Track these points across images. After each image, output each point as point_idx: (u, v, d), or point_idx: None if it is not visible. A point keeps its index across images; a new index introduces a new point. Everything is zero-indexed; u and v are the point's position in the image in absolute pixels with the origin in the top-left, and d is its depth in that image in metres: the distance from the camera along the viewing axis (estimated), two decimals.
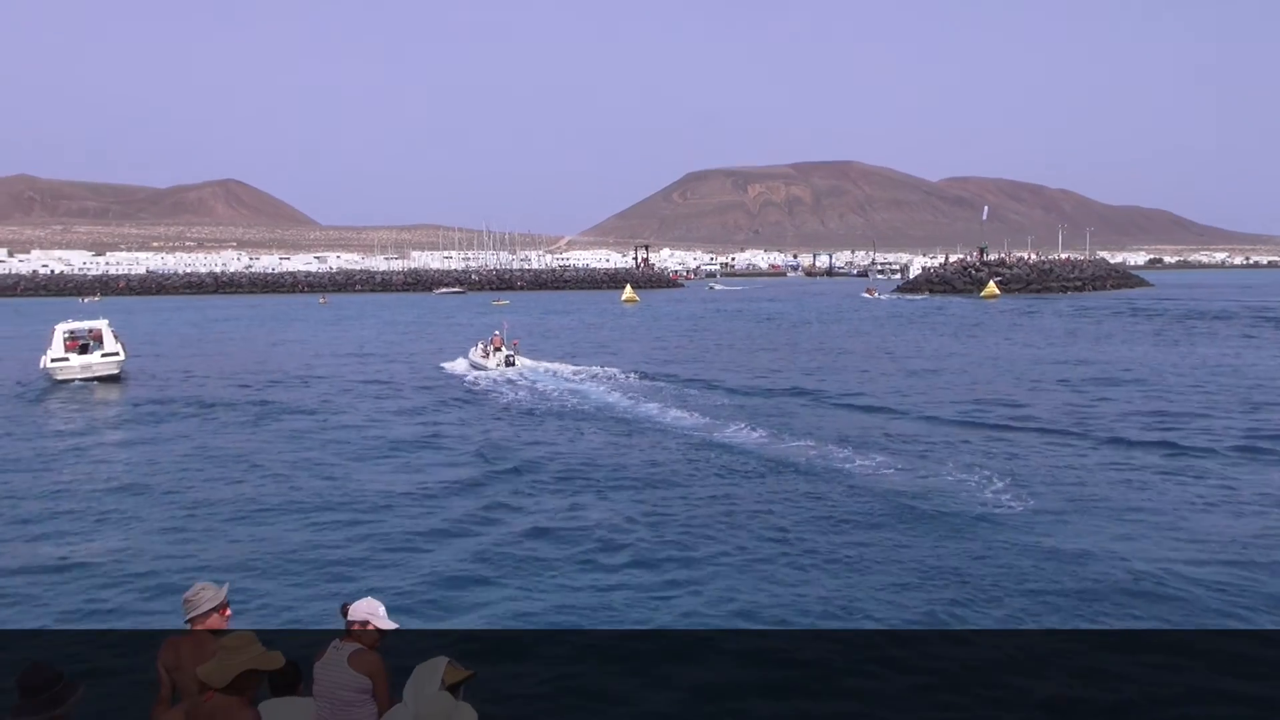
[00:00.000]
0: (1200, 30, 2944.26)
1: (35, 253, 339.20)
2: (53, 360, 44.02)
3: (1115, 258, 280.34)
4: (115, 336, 46.72)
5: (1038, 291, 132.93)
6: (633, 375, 41.99)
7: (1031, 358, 48.15)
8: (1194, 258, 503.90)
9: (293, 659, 6.52)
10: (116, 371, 45.24)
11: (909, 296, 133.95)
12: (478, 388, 39.27)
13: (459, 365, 47.36)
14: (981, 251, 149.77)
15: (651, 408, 32.43)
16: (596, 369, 44.22)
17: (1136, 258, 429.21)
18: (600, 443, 26.44)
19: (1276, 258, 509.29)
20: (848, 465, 22.45)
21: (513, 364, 44.11)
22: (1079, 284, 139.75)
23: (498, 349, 45.54)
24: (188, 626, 6.71)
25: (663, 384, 39.39)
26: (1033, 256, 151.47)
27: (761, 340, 63.09)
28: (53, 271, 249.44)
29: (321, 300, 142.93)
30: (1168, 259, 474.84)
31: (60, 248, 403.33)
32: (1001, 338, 60.87)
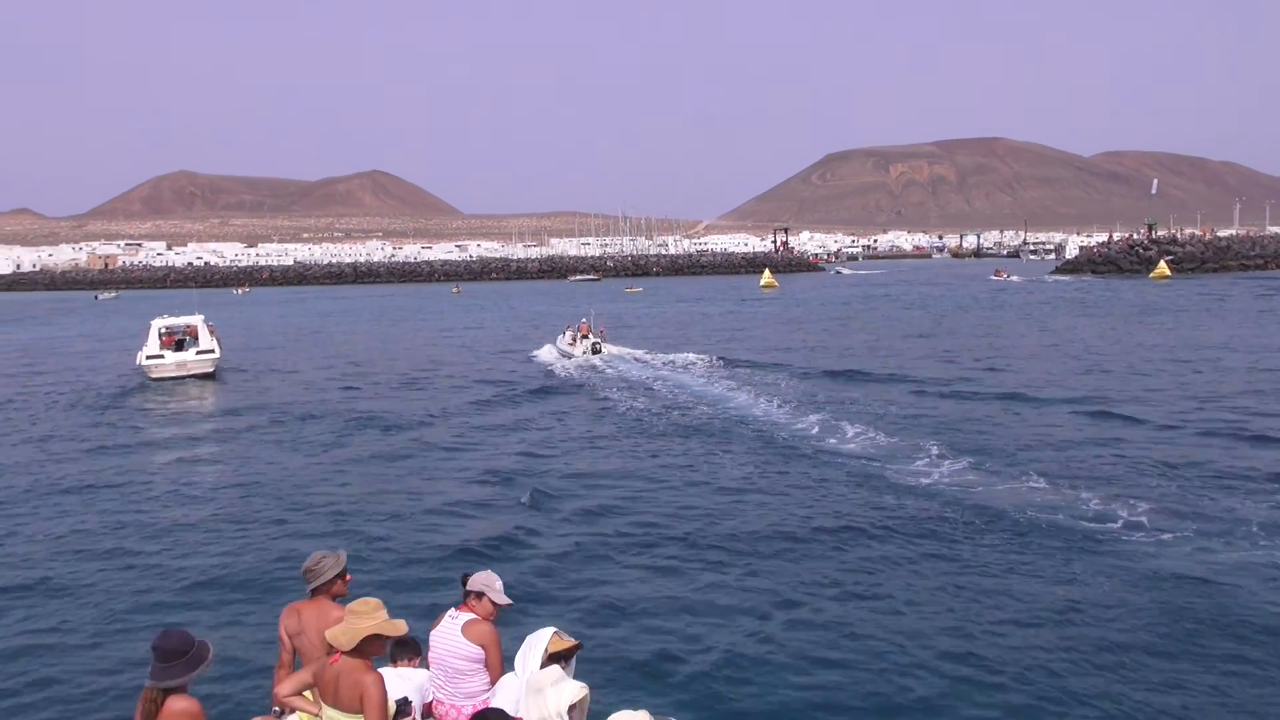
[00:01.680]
0: None
1: (192, 245, 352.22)
2: (148, 358, 42.49)
3: None
4: (212, 332, 44.71)
5: (1213, 270, 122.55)
6: (718, 362, 41.70)
7: (1257, 348, 41.20)
8: None
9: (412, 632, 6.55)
10: (211, 369, 43.21)
11: (1067, 278, 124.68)
12: (555, 379, 38.52)
13: (546, 352, 48.01)
14: (1150, 228, 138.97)
15: (752, 401, 30.95)
16: (688, 356, 43.91)
17: None
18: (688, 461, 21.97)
19: None
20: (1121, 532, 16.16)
21: (599, 351, 45.12)
22: (1260, 261, 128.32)
23: (585, 336, 46.38)
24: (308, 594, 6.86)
25: (772, 374, 37.76)
26: (1207, 233, 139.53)
27: (925, 330, 56.99)
28: (205, 264, 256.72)
29: (455, 290, 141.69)
30: None
31: (217, 240, 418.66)
32: (1196, 325, 53.37)
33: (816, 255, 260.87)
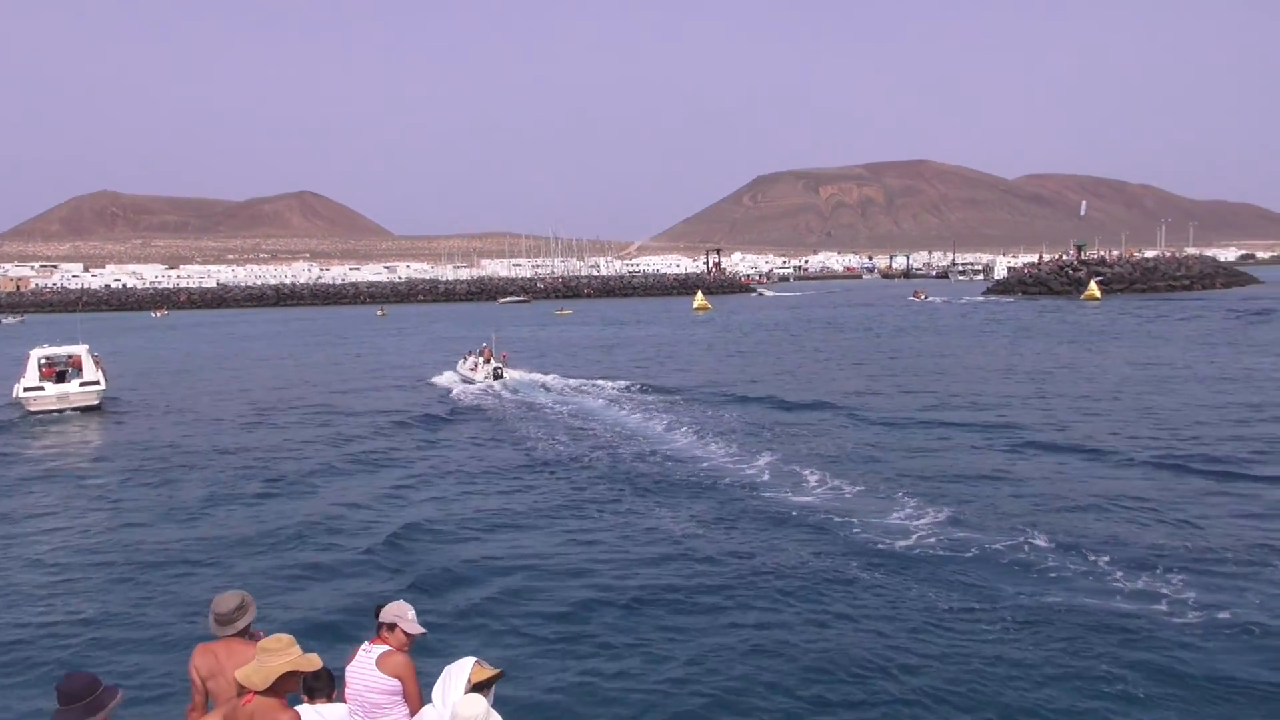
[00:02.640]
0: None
1: (110, 267, 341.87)
2: (25, 389, 38.78)
3: (1205, 254, 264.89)
4: (97, 363, 41.03)
5: (1142, 291, 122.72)
6: (632, 389, 39.77)
7: (1210, 375, 39.13)
8: None
9: (326, 665, 6.35)
10: (96, 402, 39.63)
11: (1000, 299, 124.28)
12: (452, 407, 36.43)
13: (447, 378, 45.99)
14: (1079, 249, 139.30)
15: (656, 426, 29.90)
16: (599, 382, 42.04)
17: (1226, 254, 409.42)
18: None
19: None
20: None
21: (501, 376, 43.35)
22: (1186, 283, 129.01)
23: (487, 360, 44.74)
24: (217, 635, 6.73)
25: (691, 402, 35.91)
26: (1132, 254, 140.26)
27: (866, 354, 54.54)
28: (123, 286, 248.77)
29: (379, 312, 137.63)
30: (1260, 254, 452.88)
31: (137, 262, 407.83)
32: (1143, 347, 51.63)
33: (749, 276, 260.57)
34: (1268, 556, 15.35)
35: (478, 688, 5.95)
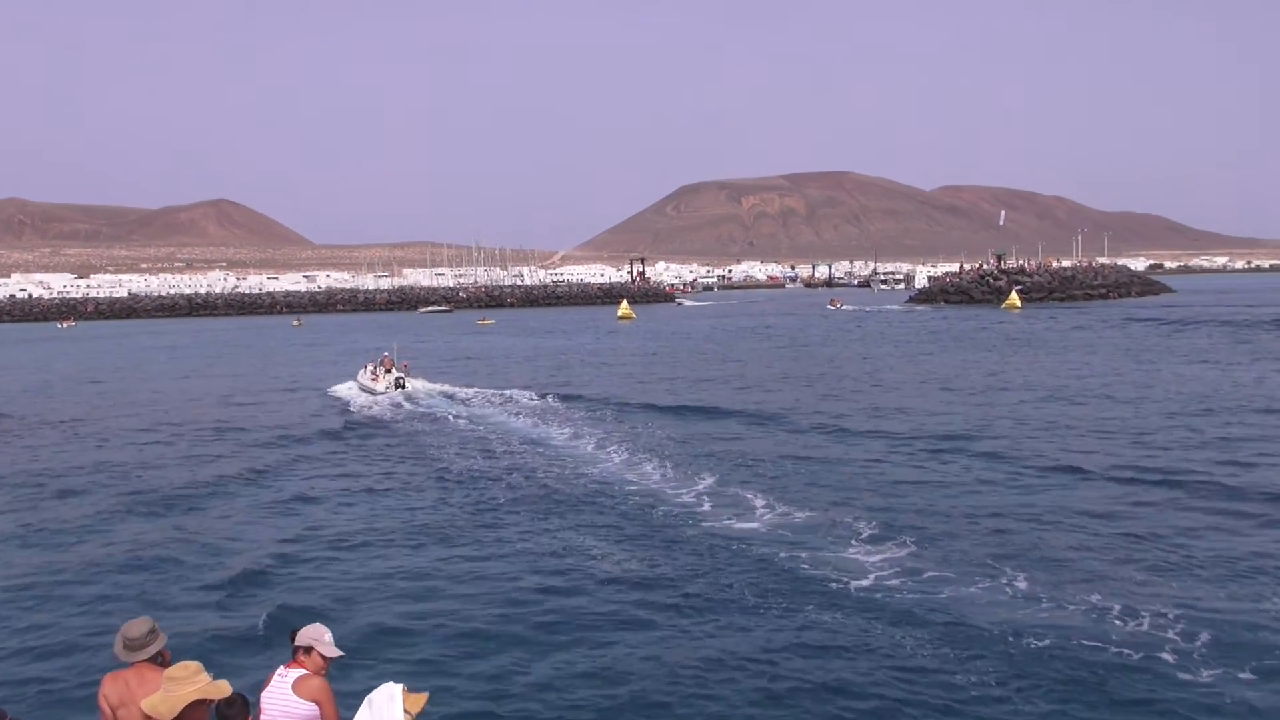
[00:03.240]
0: (1191, 34, 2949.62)
1: (15, 276, 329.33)
2: None
3: (1118, 264, 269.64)
4: None
5: (1060, 300, 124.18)
6: (543, 399, 38.83)
7: (1151, 381, 38.35)
8: (1194, 262, 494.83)
9: (239, 690, 6.20)
10: None
11: (923, 308, 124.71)
12: (347, 420, 35.01)
13: (346, 389, 44.60)
14: (999, 259, 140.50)
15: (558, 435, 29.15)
16: (511, 392, 41.13)
17: (1135, 263, 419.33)
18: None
19: (1277, 261, 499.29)
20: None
21: (403, 386, 42.26)
22: (1103, 291, 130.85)
23: (388, 371, 43.53)
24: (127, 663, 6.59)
25: (605, 410, 34.95)
26: (1054, 263, 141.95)
27: (795, 363, 53.24)
28: (29, 295, 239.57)
29: (296, 322, 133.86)
30: (1168, 264, 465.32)
31: (45, 271, 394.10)
32: (1074, 355, 51.08)
33: (673, 286, 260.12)
34: (1256, 571, 14.04)
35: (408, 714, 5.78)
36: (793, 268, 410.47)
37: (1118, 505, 18.90)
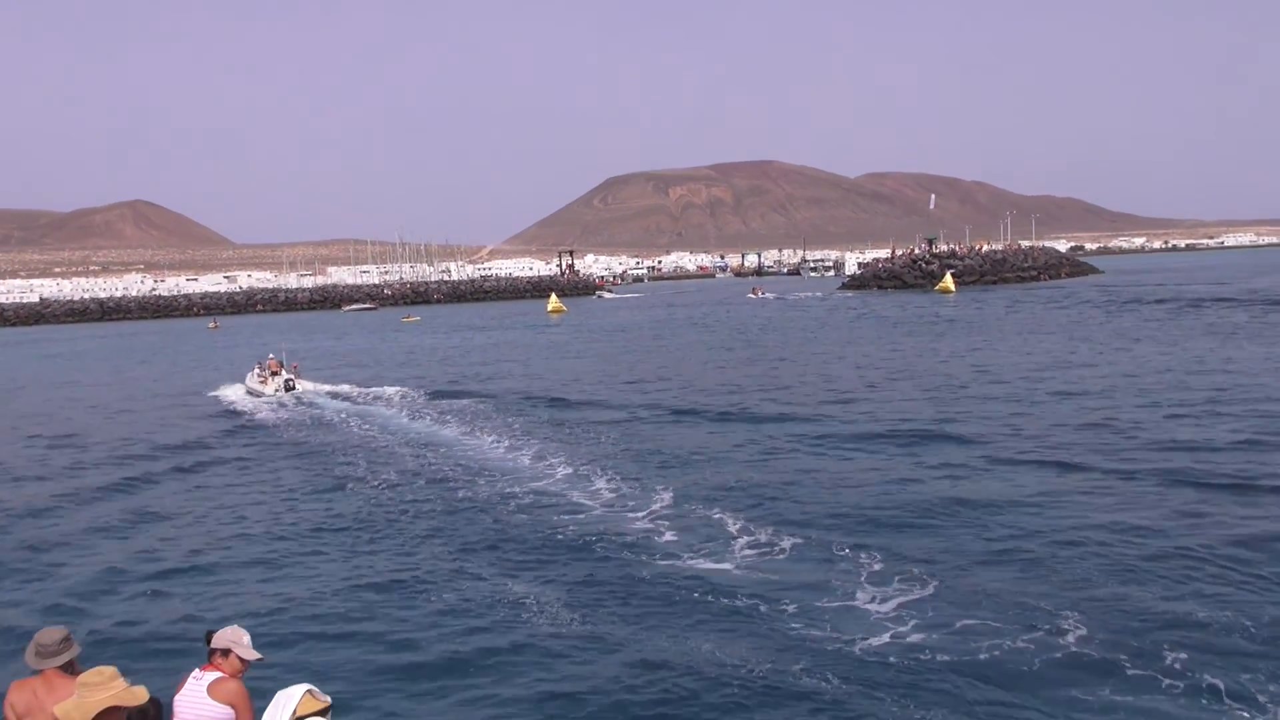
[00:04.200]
0: (1105, 17, 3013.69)
1: None
2: None
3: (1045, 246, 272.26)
4: None
5: (993, 282, 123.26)
6: (423, 394, 38.31)
7: (1118, 363, 36.07)
8: (1113, 244, 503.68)
9: (155, 695, 5.98)
10: None
11: (855, 294, 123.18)
12: (230, 425, 33.62)
13: (233, 392, 43.30)
14: (930, 243, 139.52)
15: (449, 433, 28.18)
16: (390, 389, 40.47)
17: (1058, 246, 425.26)
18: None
19: (1194, 240, 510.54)
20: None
21: (293, 388, 41.02)
22: (1034, 273, 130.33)
23: (275, 373, 42.25)
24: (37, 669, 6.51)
25: (515, 409, 33.32)
26: (984, 246, 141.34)
27: (734, 352, 50.41)
28: None
29: (212, 325, 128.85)
30: (1088, 246, 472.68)
31: None
32: (1025, 339, 48.93)
33: (602, 278, 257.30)
34: None
35: (309, 718, 5.48)
36: (722, 257, 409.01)
37: (1163, 512, 16.21)
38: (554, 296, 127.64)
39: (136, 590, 15.10)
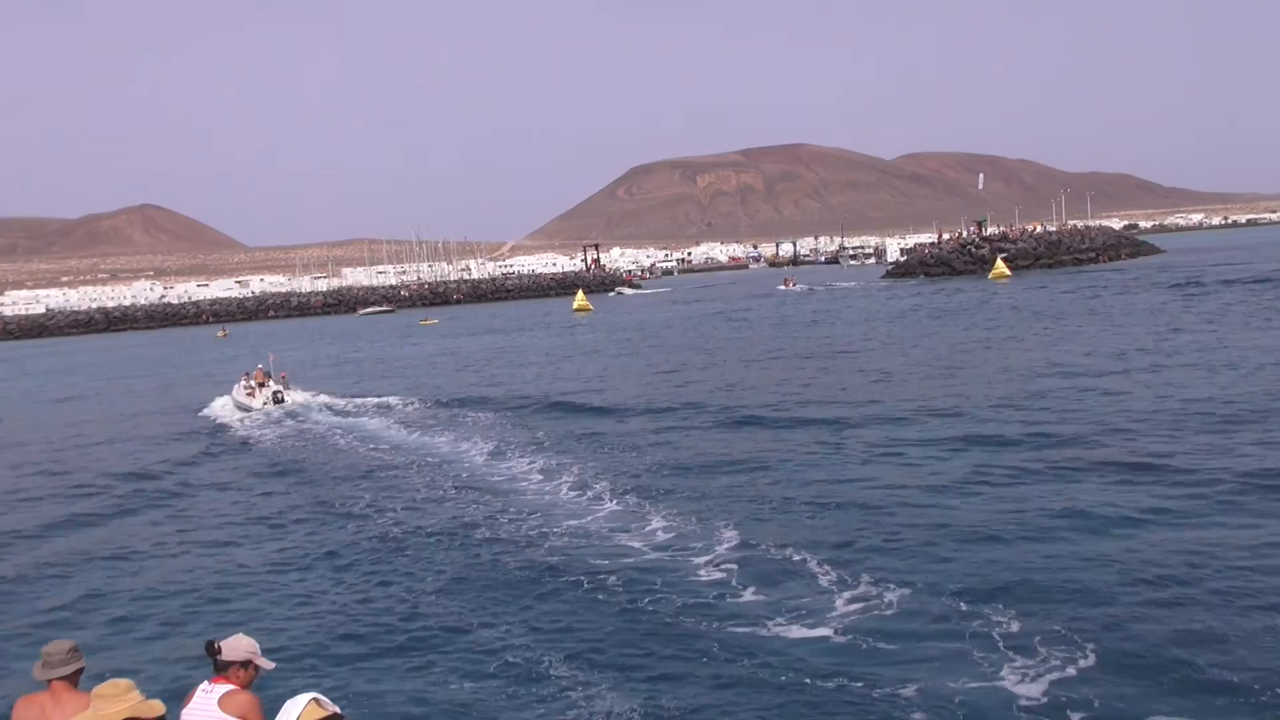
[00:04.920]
0: None
1: None
2: None
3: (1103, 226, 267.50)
4: None
5: (1048, 266, 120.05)
6: (432, 404, 37.13)
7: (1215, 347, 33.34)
8: (1169, 220, 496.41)
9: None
10: None
11: (903, 282, 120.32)
12: (213, 443, 32.93)
13: (221, 406, 42.31)
14: (980, 226, 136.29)
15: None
16: (392, 399, 39.46)
17: (1111, 224, 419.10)
18: None
19: (1255, 215, 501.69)
20: None
21: (282, 400, 40.09)
22: (1091, 255, 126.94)
23: (262, 385, 41.41)
24: (44, 683, 6.59)
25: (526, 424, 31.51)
26: (1038, 228, 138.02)
27: (786, 351, 47.95)
28: None
29: (220, 333, 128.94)
30: (1143, 224, 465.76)
31: None
32: (1108, 328, 46.13)
33: (629, 272, 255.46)
34: None
35: None
36: (755, 247, 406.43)
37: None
38: (580, 294, 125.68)
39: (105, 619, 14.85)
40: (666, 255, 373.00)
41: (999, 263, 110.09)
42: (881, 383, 34.99)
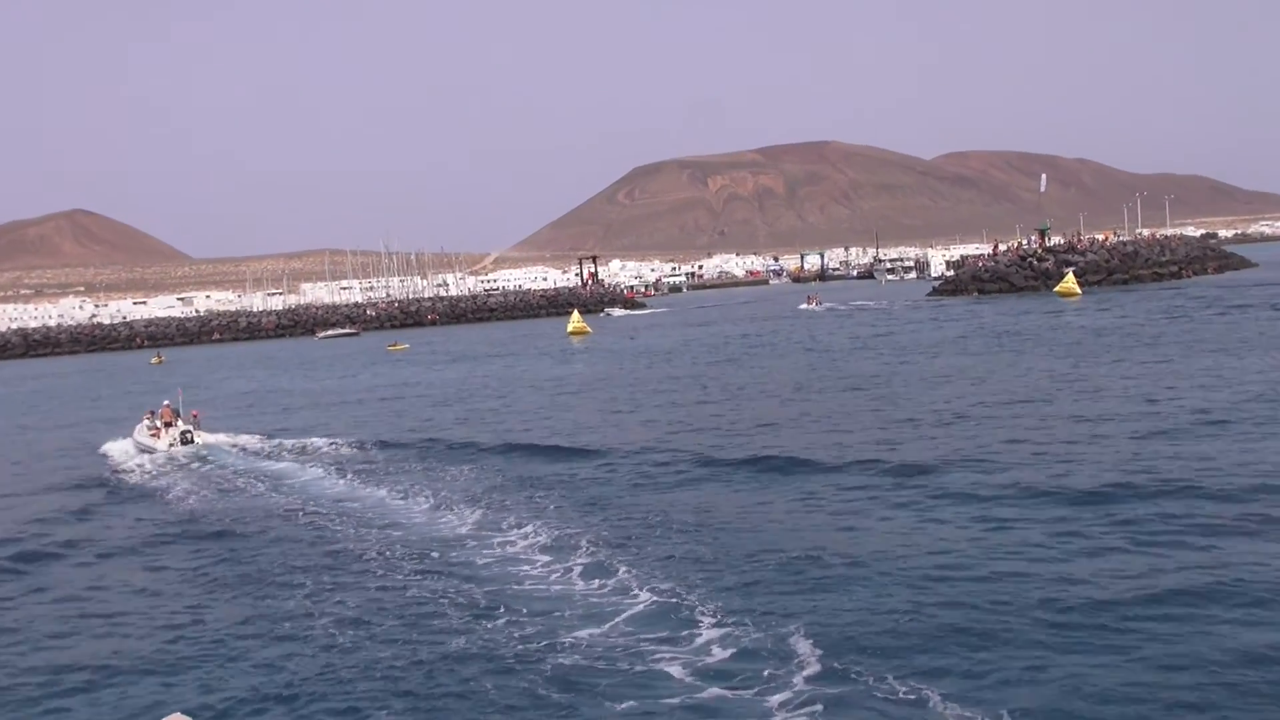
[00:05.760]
0: None
1: None
2: None
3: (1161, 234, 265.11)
4: None
5: (1124, 282, 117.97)
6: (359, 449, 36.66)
7: None
8: (1253, 229, 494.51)
9: None
10: None
11: (951, 301, 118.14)
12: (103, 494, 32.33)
13: (121, 448, 42.04)
14: (1042, 234, 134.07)
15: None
16: (322, 441, 38.89)
17: (1187, 233, 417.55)
18: None
19: None
20: None
21: (190, 441, 39.79)
22: (1174, 269, 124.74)
23: (169, 424, 40.99)
24: None
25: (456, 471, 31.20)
26: (1110, 237, 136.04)
27: (828, 384, 45.31)
28: None
29: (155, 359, 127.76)
30: (1222, 233, 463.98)
31: None
32: (1220, 356, 43.46)
33: (632, 288, 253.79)
34: None
35: None
36: (776, 259, 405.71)
37: None
38: (576, 315, 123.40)
39: None
40: (674, 269, 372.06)
41: (1069, 277, 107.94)
42: (957, 424, 32.36)
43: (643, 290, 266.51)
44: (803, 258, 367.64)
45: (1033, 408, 35.22)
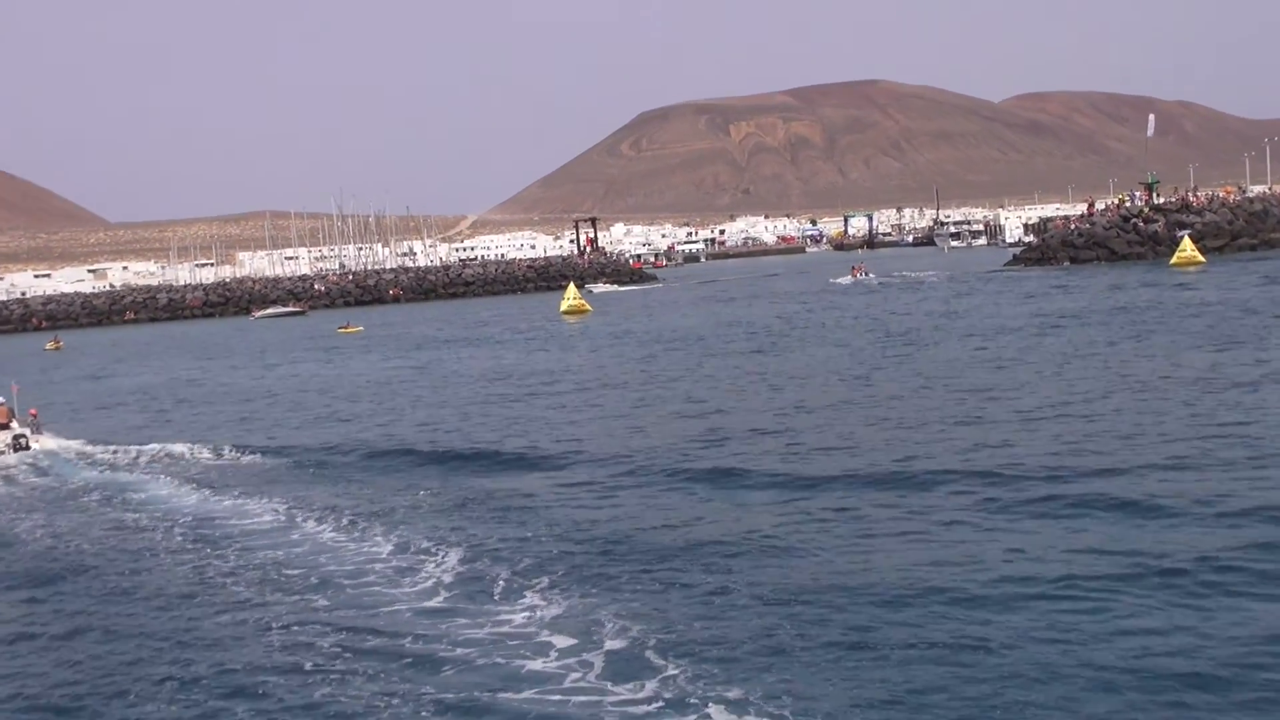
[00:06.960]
0: None
1: None
2: None
3: None
4: None
5: (1252, 248, 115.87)
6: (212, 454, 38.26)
7: None
8: None
9: None
10: None
11: (1036, 272, 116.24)
12: None
13: None
14: (1150, 190, 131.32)
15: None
16: (178, 448, 39.85)
17: None
18: None
19: None
20: None
21: (25, 447, 41.20)
22: None
23: (3, 425, 42.19)
24: None
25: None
26: (1231, 193, 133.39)
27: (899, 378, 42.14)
28: None
29: (51, 345, 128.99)
30: None
31: None
32: None
33: (639, 258, 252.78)
34: None
35: None
36: (814, 222, 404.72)
37: None
38: (572, 290, 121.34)
39: None
40: (691, 234, 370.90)
41: (1186, 243, 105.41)
42: (1099, 437, 28.94)
43: (652, 260, 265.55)
44: (846, 221, 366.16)
45: (1184, 414, 31.72)
